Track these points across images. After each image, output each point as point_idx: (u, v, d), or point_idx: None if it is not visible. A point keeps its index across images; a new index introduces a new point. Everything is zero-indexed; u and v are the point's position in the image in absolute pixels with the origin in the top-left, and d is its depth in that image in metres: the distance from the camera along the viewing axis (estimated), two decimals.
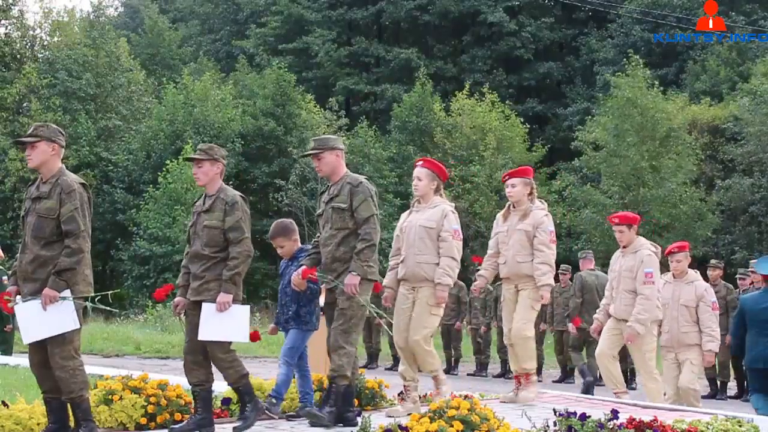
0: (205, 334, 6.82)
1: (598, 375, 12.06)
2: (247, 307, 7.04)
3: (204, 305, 6.84)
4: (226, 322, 6.81)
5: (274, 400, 7.78)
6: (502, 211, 9.09)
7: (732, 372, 14.73)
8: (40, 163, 6.55)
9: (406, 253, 8.08)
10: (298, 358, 7.90)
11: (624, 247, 9.81)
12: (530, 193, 8.93)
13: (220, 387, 7.72)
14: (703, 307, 10.04)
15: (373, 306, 7.52)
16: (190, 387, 7.18)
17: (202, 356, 6.94)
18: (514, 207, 8.96)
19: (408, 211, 8.38)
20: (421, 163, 8.31)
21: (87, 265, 6.53)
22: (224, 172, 7.25)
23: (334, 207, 7.39)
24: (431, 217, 8.05)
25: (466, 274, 25.14)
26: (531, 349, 8.89)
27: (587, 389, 13.02)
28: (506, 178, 9.05)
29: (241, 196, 7.11)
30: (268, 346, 21.01)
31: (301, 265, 7.56)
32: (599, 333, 10.00)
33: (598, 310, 10.19)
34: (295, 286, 7.58)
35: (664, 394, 9.90)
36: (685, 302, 10.07)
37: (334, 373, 7.24)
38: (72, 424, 6.56)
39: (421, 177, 8.19)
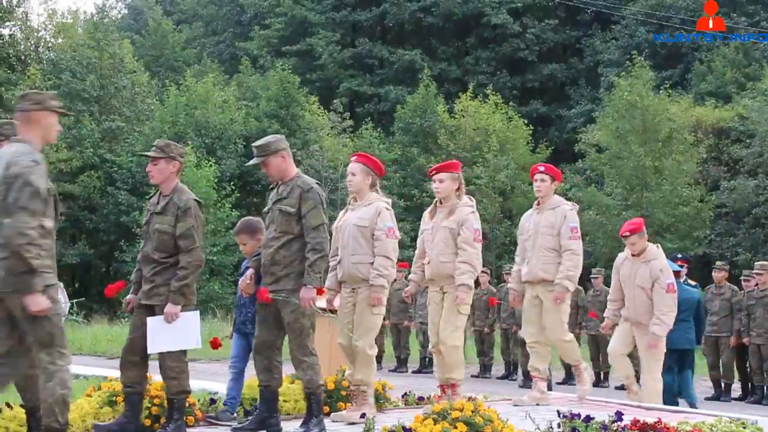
0: (154, 346, 6.72)
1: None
2: (197, 313, 6.90)
3: (149, 319, 6.73)
4: (176, 330, 6.70)
5: (226, 407, 7.72)
6: (429, 208, 8.54)
7: (736, 374, 14.70)
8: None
9: (341, 254, 7.81)
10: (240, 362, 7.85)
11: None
12: (458, 189, 8.39)
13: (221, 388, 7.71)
14: (656, 289, 9.42)
15: (324, 310, 7.23)
16: (198, 389, 7.19)
17: (139, 357, 6.83)
18: (441, 203, 8.40)
19: (344, 209, 8.06)
20: (355, 158, 8.01)
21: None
22: (181, 170, 7.04)
23: (281, 209, 7.02)
24: (364, 215, 7.73)
25: None
26: (458, 359, 8.29)
27: None
28: (433, 172, 8.47)
29: (195, 200, 6.92)
30: None
31: (248, 268, 7.39)
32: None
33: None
34: (242, 290, 7.42)
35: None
36: (640, 283, 9.53)
37: (309, 389, 7.01)
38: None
39: (355, 172, 7.85)
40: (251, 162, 7.31)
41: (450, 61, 43.25)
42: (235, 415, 7.73)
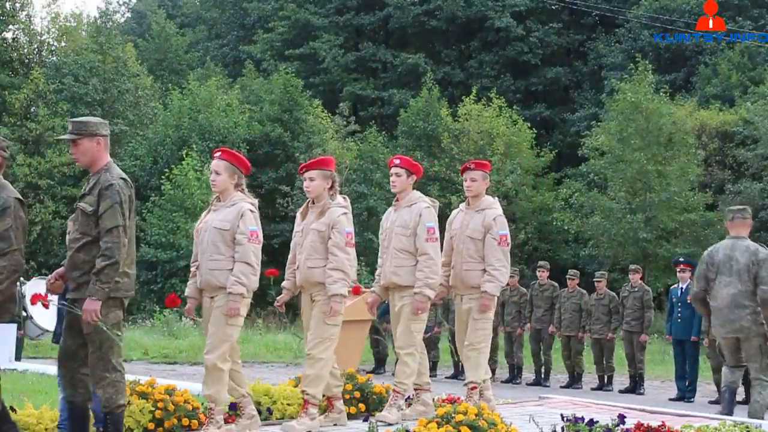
0: None
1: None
2: (12, 326, 6.49)
3: None
4: None
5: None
6: (301, 209, 7.93)
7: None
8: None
9: (200, 258, 7.23)
10: None
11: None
12: (331, 188, 7.74)
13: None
14: (488, 240, 8.28)
15: (116, 332, 6.30)
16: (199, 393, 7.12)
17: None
18: (313, 203, 7.77)
19: (207, 210, 7.46)
20: (219, 154, 7.35)
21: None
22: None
23: (80, 208, 6.33)
24: (226, 217, 7.13)
25: None
26: (321, 373, 7.57)
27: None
28: (303, 170, 7.86)
29: (17, 198, 6.31)
30: (275, 351, 21.04)
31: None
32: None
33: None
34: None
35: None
36: (471, 233, 8.36)
37: (106, 408, 6.27)
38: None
39: (219, 170, 7.25)
40: (60, 137, 6.70)
41: (453, 64, 43.23)
42: None
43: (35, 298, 6.32)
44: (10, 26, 36.07)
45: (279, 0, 45.23)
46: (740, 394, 14.64)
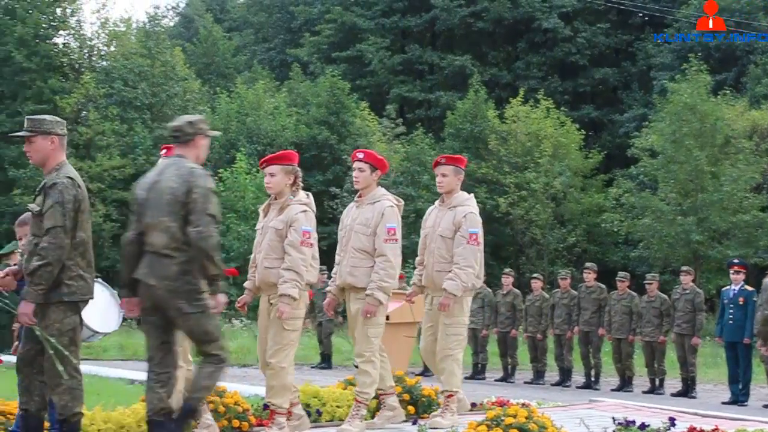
0: None
1: None
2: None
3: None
4: None
5: None
6: (263, 205, 7.58)
7: None
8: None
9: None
10: None
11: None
12: (293, 184, 7.40)
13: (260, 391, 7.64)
14: (458, 238, 7.96)
15: (50, 338, 5.92)
16: (251, 394, 7.12)
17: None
18: (275, 199, 7.42)
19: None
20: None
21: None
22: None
23: (29, 208, 6.12)
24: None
25: (522, 281, 25.04)
26: (283, 385, 7.14)
27: None
28: (263, 165, 7.52)
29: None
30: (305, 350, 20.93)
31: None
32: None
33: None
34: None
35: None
36: (442, 232, 8.05)
37: (62, 416, 6.00)
38: None
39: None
40: (14, 134, 6.57)
41: (500, 65, 43.07)
42: None
43: None
44: (61, 32, 36.53)
45: (325, 3, 45.37)
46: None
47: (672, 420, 6.57)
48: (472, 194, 8.33)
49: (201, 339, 6.12)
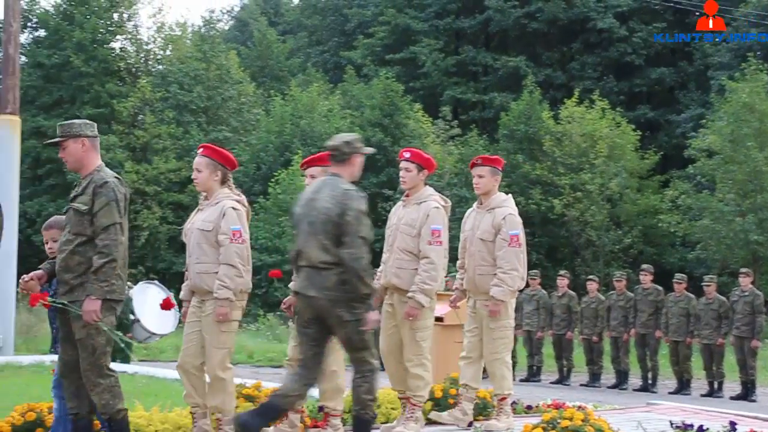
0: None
1: None
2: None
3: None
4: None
5: None
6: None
7: None
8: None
9: (188, 261, 6.94)
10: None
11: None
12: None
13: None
14: (499, 241, 7.80)
15: (118, 333, 6.15)
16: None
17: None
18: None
19: (195, 210, 7.15)
20: (201, 150, 6.98)
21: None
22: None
23: (74, 207, 6.11)
24: (209, 217, 6.80)
25: (577, 283, 24.85)
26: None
27: None
28: (305, 166, 7.48)
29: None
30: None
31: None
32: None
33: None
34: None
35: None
36: (481, 235, 7.89)
37: (105, 414, 6.05)
38: None
39: (200, 168, 6.91)
40: (47, 142, 6.56)
41: (555, 66, 42.82)
42: None
43: (34, 299, 6.01)
44: (118, 36, 37.00)
45: (379, 5, 45.44)
46: None
47: (733, 424, 6.47)
48: (510, 195, 8.19)
49: (357, 346, 6.35)
